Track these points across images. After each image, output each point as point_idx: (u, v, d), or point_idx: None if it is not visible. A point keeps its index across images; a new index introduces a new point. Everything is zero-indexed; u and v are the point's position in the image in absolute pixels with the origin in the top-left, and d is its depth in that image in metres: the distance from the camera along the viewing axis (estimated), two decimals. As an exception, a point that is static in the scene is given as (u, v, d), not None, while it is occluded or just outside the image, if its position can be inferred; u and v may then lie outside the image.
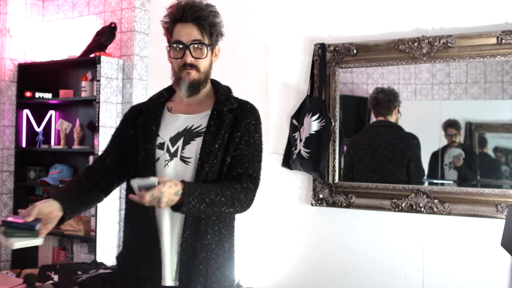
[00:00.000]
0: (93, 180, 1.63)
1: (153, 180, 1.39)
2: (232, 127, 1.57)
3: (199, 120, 1.60)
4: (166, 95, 1.70)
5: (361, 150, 2.81)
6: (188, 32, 1.56)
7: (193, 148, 1.55)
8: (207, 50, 1.58)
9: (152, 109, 1.64)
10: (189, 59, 1.56)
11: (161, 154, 1.57)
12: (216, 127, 1.55)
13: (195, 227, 1.52)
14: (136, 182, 1.39)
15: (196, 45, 1.56)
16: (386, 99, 2.72)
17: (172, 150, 1.57)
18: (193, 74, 1.58)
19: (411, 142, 2.68)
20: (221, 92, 1.64)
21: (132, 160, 1.61)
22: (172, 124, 1.62)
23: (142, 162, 1.55)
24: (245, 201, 1.55)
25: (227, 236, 1.61)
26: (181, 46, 1.57)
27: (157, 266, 1.53)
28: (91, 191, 1.61)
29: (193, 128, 1.59)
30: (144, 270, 1.54)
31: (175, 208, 1.44)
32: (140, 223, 1.58)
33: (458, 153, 2.54)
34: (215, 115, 1.57)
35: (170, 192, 1.39)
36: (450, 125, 2.58)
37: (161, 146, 1.58)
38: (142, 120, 1.62)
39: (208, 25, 1.57)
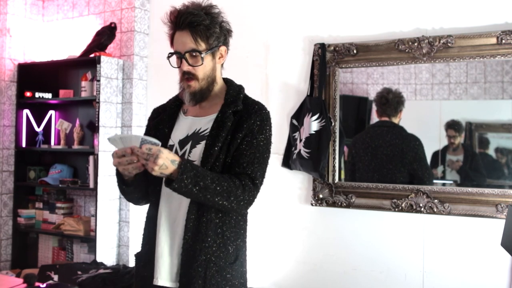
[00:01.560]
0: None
1: (157, 141, 1.42)
2: (235, 128, 1.55)
3: (206, 123, 1.60)
4: None
5: (362, 150, 2.81)
6: (183, 41, 1.53)
7: (197, 152, 1.55)
8: (203, 56, 1.54)
9: (168, 111, 1.66)
10: (186, 67, 1.55)
11: None
12: (217, 130, 1.54)
13: (196, 229, 1.51)
14: (141, 136, 1.41)
15: (192, 53, 1.54)
16: (395, 101, 2.72)
17: (180, 153, 1.57)
18: (193, 84, 1.56)
19: (413, 144, 2.67)
20: (230, 94, 1.61)
21: None
22: (183, 126, 1.63)
23: None
24: (242, 198, 1.49)
25: (232, 239, 1.57)
26: (178, 56, 1.57)
27: (151, 266, 1.56)
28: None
29: (200, 131, 1.59)
30: (144, 270, 1.59)
31: (167, 182, 1.44)
32: (148, 224, 1.63)
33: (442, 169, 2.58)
34: (219, 118, 1.56)
35: (168, 157, 1.39)
36: (450, 126, 2.58)
37: (170, 148, 1.58)
38: (156, 122, 1.66)
39: (203, 29, 1.52)
